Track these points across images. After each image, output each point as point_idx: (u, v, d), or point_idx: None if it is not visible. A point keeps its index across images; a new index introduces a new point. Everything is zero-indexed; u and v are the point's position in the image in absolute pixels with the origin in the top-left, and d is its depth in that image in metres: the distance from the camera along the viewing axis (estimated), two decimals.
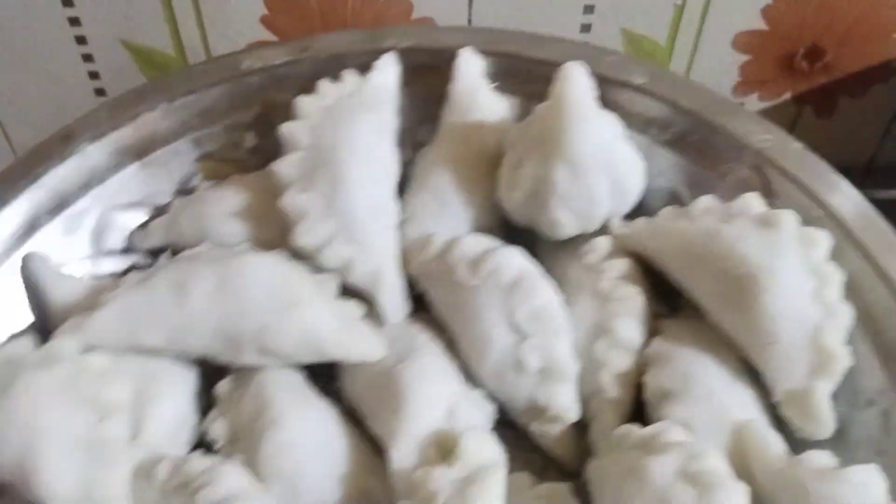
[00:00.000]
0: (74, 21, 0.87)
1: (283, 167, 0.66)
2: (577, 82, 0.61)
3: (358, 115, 0.67)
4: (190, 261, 0.62)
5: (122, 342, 0.60)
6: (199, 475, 0.53)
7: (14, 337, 0.62)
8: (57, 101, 0.94)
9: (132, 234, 0.72)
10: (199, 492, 0.52)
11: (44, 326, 0.64)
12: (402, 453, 0.56)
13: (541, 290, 0.61)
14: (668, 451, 0.54)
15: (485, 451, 0.56)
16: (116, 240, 0.71)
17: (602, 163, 0.64)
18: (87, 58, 0.91)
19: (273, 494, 0.55)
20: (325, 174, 0.65)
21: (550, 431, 0.62)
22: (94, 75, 0.93)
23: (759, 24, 0.90)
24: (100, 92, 0.95)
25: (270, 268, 0.61)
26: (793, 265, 0.60)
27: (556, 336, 0.60)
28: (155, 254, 0.70)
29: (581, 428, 0.64)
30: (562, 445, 0.63)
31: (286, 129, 0.67)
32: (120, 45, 0.90)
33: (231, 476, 0.53)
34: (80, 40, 0.89)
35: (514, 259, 0.62)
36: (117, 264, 0.71)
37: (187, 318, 0.59)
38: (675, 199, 0.71)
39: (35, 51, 0.89)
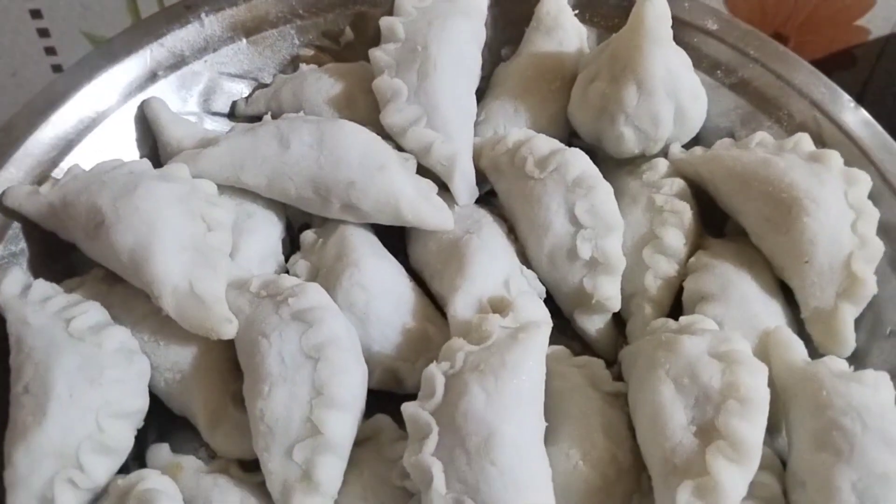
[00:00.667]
0: (36, 13, 0.89)
1: (380, 53, 0.74)
2: (656, 8, 0.68)
3: (452, 18, 0.75)
4: (292, 119, 0.70)
5: (227, 178, 0.68)
6: (287, 289, 0.61)
7: None
8: (21, 94, 0.95)
9: (236, 102, 0.80)
10: (289, 300, 0.59)
11: (156, 161, 0.72)
12: (462, 305, 0.64)
13: (600, 189, 0.68)
14: (701, 334, 0.60)
15: (535, 311, 0.63)
16: (221, 104, 0.80)
17: (669, 88, 0.71)
18: (50, 50, 0.92)
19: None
20: (417, 64, 0.72)
21: (593, 321, 0.69)
22: (57, 68, 0.94)
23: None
24: None
25: (364, 135, 0.69)
26: (835, 196, 0.66)
27: (609, 231, 0.67)
28: (253, 121, 0.77)
29: (618, 325, 0.71)
30: (601, 335, 0.69)
31: (385, 21, 0.75)
32: (82, 37, 0.91)
33: (316, 292, 0.61)
34: (43, 33, 0.90)
35: (579, 159, 0.69)
36: (220, 125, 0.79)
37: (287, 165, 0.67)
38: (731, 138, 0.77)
39: None
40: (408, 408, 0.57)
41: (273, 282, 0.62)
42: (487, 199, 0.75)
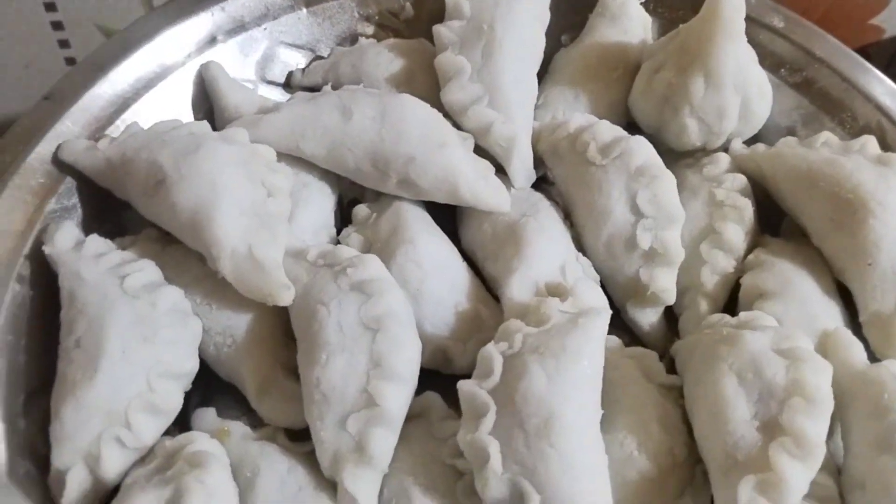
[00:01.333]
0: (50, 6, 0.89)
1: (444, 30, 0.74)
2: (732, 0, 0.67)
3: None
4: (354, 91, 0.69)
5: (286, 146, 0.67)
6: (346, 259, 0.60)
7: None
8: (34, 86, 0.95)
9: (293, 72, 0.79)
10: (347, 270, 0.59)
11: (212, 125, 0.71)
12: (518, 287, 0.63)
13: (664, 179, 0.67)
14: (763, 329, 0.60)
15: (594, 298, 0.62)
16: (277, 73, 0.79)
17: (738, 82, 0.70)
18: (64, 43, 0.93)
19: None
20: (482, 43, 0.72)
21: (645, 314, 0.68)
22: (70, 61, 0.95)
23: None
24: None
25: (425, 110, 0.69)
26: None
27: (671, 223, 0.67)
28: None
29: (669, 319, 0.70)
30: (653, 328, 0.69)
31: None
32: (96, 29, 0.91)
33: (374, 264, 0.61)
34: (57, 25, 0.91)
35: (643, 147, 0.69)
36: (274, 94, 0.78)
37: (348, 136, 0.67)
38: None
39: (11, 36, 0.91)
40: (464, 385, 0.56)
41: (331, 252, 0.62)
42: (539, 184, 0.75)
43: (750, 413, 0.55)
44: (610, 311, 0.61)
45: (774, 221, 0.76)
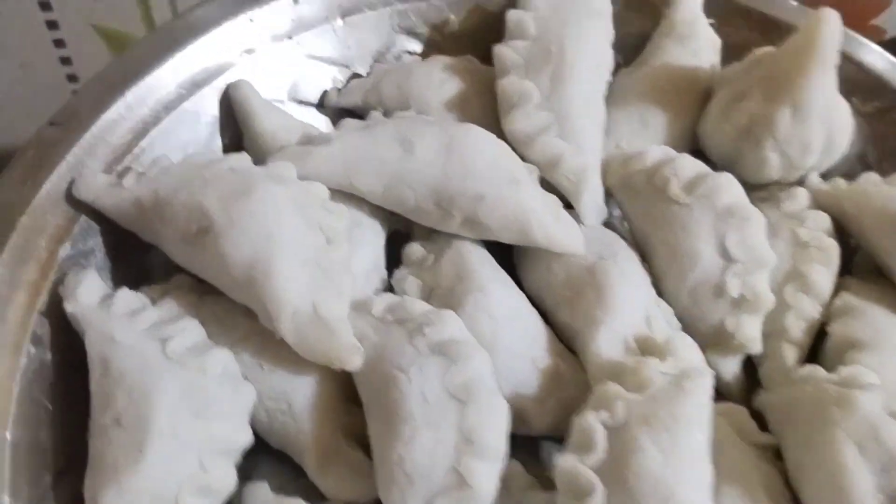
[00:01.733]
0: (45, 6, 0.89)
1: (508, 51, 0.69)
2: (831, 29, 0.65)
3: (587, 17, 0.71)
4: (412, 120, 0.65)
5: (338, 182, 0.62)
6: (420, 315, 0.56)
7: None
8: (29, 86, 0.94)
9: (327, 91, 0.74)
10: (425, 329, 0.54)
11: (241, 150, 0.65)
12: (606, 342, 0.60)
13: (754, 220, 0.65)
14: (872, 389, 0.58)
15: (693, 355, 0.59)
16: (309, 92, 0.74)
17: (824, 115, 0.69)
18: (59, 43, 0.92)
19: None
20: (550, 67, 0.68)
21: (727, 363, 0.66)
22: (65, 61, 0.94)
23: None
24: (72, 78, 0.96)
25: (493, 142, 0.64)
26: None
27: (761, 268, 0.64)
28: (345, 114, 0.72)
29: (747, 365, 0.68)
30: (735, 378, 0.66)
31: (513, 15, 0.71)
32: (91, 29, 0.91)
33: (454, 321, 0.56)
34: (52, 25, 0.90)
35: (732, 186, 0.66)
36: (306, 116, 0.73)
37: (409, 172, 0.62)
38: (863, 169, 0.75)
39: (6, 36, 0.90)
40: (565, 463, 0.53)
41: (399, 305, 0.57)
42: None
43: (874, 485, 0.53)
44: (712, 371, 0.58)
45: (844, 258, 0.74)
